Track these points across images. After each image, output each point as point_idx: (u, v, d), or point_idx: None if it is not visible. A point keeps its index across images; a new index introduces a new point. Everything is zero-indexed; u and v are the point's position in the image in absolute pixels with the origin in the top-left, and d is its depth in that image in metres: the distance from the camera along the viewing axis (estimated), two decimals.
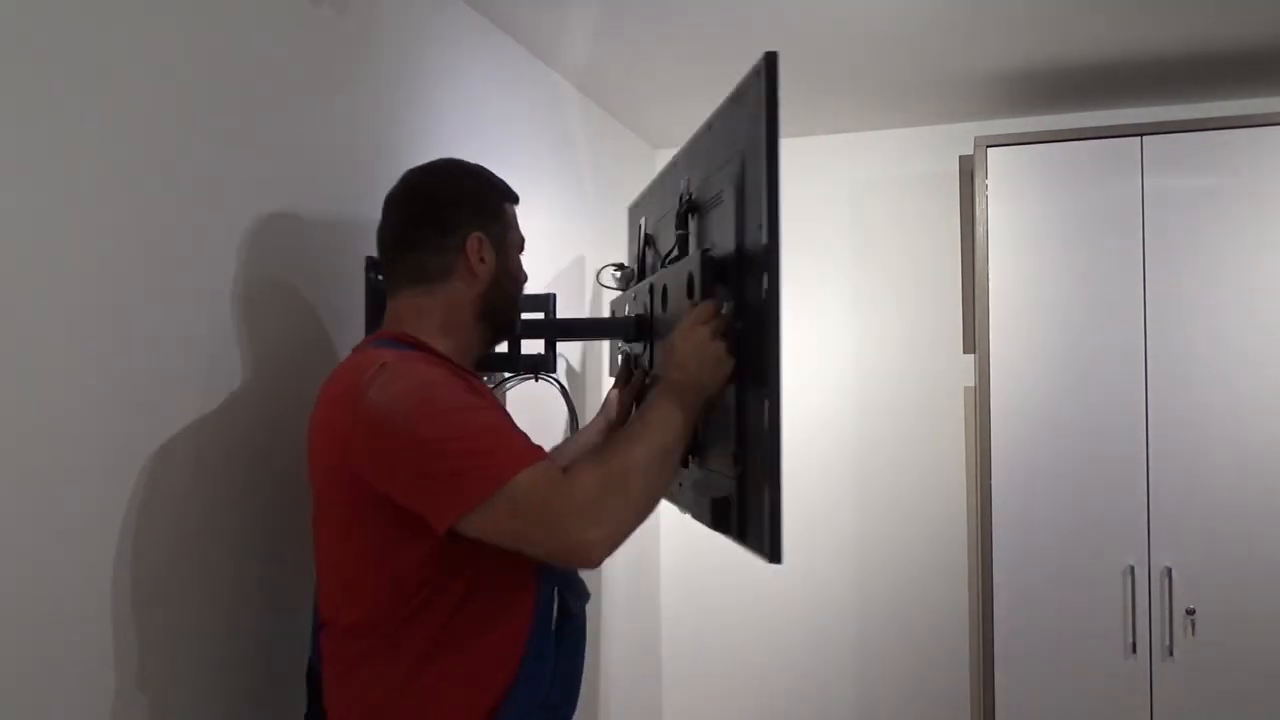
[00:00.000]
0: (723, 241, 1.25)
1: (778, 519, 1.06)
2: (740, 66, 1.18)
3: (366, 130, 1.61)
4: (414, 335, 1.19)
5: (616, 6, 1.96)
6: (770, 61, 1.08)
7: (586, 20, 2.04)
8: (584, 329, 1.73)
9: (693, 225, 1.42)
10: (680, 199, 1.44)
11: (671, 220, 1.50)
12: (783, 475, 1.06)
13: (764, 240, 1.07)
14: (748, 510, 1.17)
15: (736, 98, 1.23)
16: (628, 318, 1.60)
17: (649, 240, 1.71)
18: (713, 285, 1.21)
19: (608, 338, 1.64)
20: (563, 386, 1.85)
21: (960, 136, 2.73)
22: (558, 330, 1.82)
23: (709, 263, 1.22)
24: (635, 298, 1.64)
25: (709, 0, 1.93)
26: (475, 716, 1.08)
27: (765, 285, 1.07)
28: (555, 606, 1.17)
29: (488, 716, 1.08)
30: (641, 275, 1.74)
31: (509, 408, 2.10)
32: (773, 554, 1.07)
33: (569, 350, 2.34)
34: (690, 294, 1.27)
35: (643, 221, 1.77)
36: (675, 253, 1.44)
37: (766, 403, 1.07)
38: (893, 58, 2.23)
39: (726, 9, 1.97)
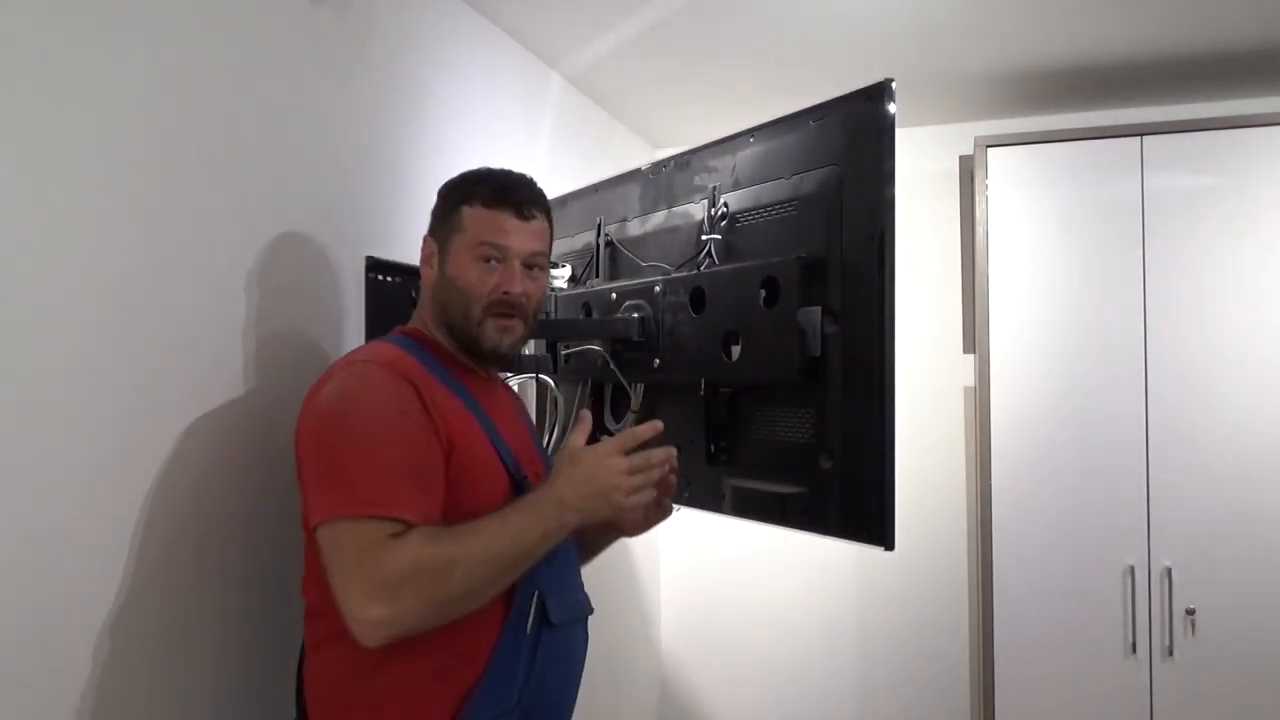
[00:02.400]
0: (778, 249, 1.34)
1: (891, 508, 1.16)
2: (740, 67, 1.19)
3: (366, 130, 1.61)
4: (420, 327, 1.26)
5: (616, 7, 1.96)
6: (888, 88, 1.19)
7: (587, 20, 2.03)
8: (585, 329, 1.72)
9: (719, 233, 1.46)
10: (710, 205, 1.46)
11: (646, 223, 1.56)
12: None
13: (879, 247, 1.18)
14: (843, 504, 1.24)
15: (814, 113, 1.31)
16: (629, 318, 1.60)
17: (610, 241, 1.75)
18: (807, 289, 1.28)
19: (609, 336, 1.64)
20: (554, 387, 1.84)
21: (960, 136, 2.73)
22: (558, 330, 1.82)
23: (805, 267, 1.27)
24: (616, 298, 1.65)
25: (709, 1, 1.93)
26: (438, 710, 1.07)
27: (876, 288, 1.19)
28: (533, 613, 1.13)
29: (451, 712, 1.07)
30: (596, 274, 1.76)
31: None
32: (886, 541, 1.16)
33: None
34: (771, 301, 1.32)
35: (599, 221, 1.77)
36: (709, 259, 1.46)
37: (879, 395, 1.17)
38: (893, 58, 2.23)
39: (727, 10, 1.96)
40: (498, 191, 1.22)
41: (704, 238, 1.48)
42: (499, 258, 1.21)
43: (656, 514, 1.30)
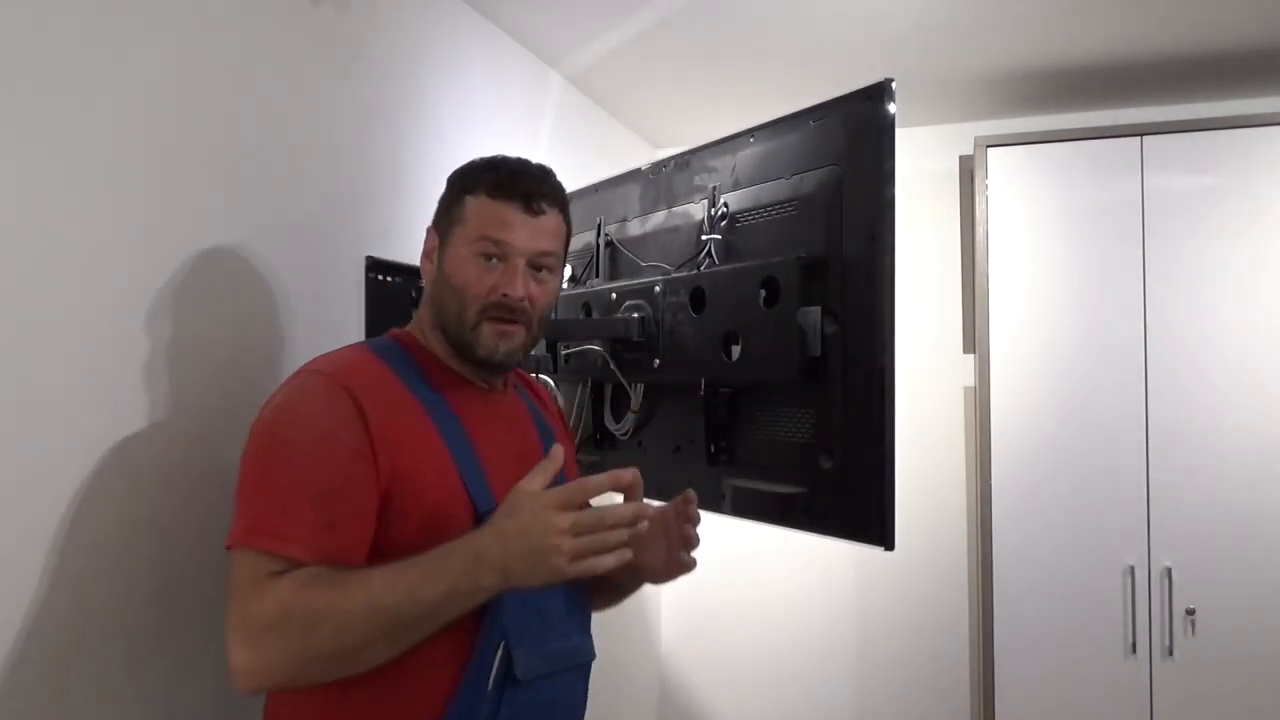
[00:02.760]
0: (778, 249, 1.33)
1: (891, 508, 1.16)
2: (740, 67, 1.19)
3: (366, 130, 1.61)
4: (414, 331, 1.14)
5: (616, 7, 1.96)
6: (888, 88, 1.19)
7: (587, 20, 2.03)
8: (585, 329, 1.72)
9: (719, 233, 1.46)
10: (710, 205, 1.46)
11: (646, 223, 1.55)
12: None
13: (879, 247, 1.18)
14: (843, 503, 1.24)
15: (814, 113, 1.30)
16: (629, 318, 1.60)
17: (610, 242, 1.75)
18: (807, 289, 1.27)
19: (609, 336, 1.64)
20: (554, 387, 1.84)
21: (960, 136, 2.73)
22: (558, 330, 1.82)
23: (805, 267, 1.27)
24: (616, 298, 1.65)
25: (709, 1, 1.93)
26: None
27: (876, 284, 1.19)
28: (496, 667, 0.98)
29: None
30: (596, 274, 1.76)
31: None
32: (886, 541, 1.15)
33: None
34: (771, 301, 1.31)
35: (599, 221, 1.78)
36: (709, 259, 1.46)
37: (879, 395, 1.17)
38: (893, 58, 2.23)
39: (727, 10, 1.96)
40: (505, 180, 1.10)
41: (704, 238, 1.48)
42: (500, 255, 1.08)
43: (675, 567, 1.22)
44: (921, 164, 2.79)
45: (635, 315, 1.59)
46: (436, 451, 1.03)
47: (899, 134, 1.19)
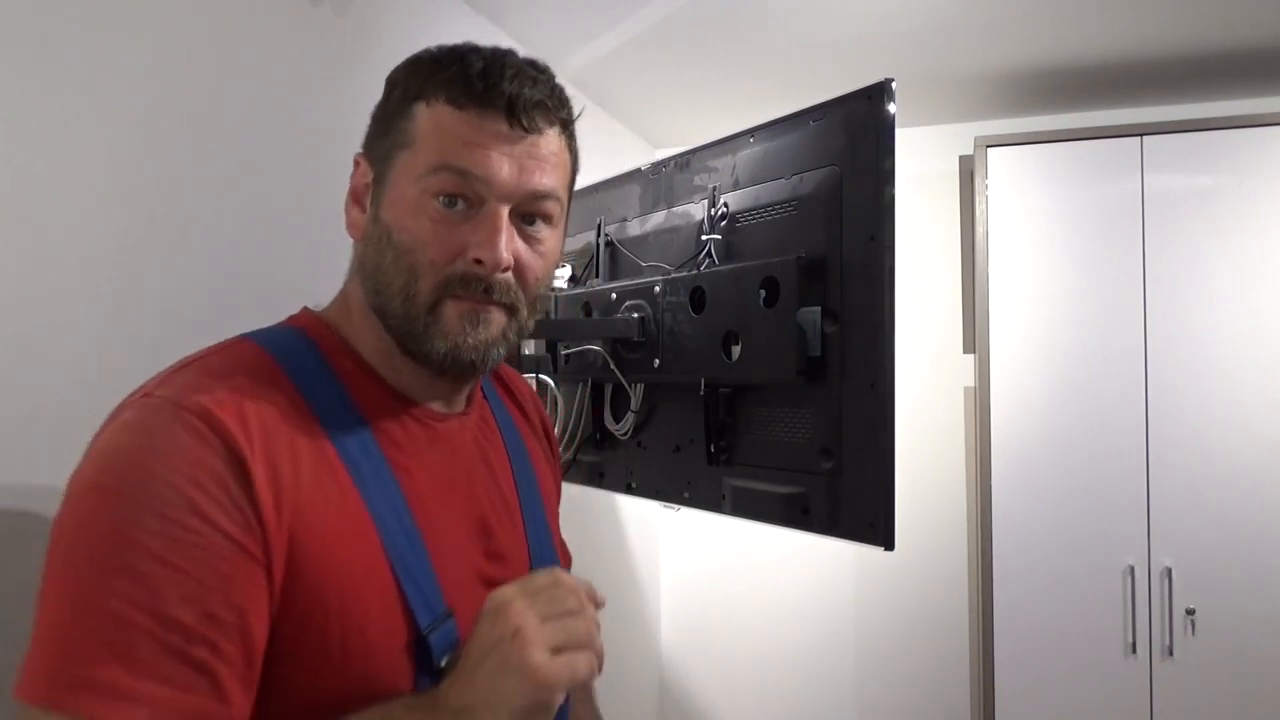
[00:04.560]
0: (778, 249, 1.33)
1: (891, 508, 1.15)
2: (740, 67, 1.19)
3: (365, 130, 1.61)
4: (336, 324, 0.79)
5: (616, 7, 1.96)
6: (888, 88, 1.18)
7: (587, 20, 2.03)
8: (585, 329, 1.72)
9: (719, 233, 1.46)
10: (710, 205, 1.46)
11: (646, 223, 1.55)
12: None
13: (878, 247, 1.18)
14: (843, 504, 1.24)
15: (814, 113, 1.30)
16: (629, 318, 1.60)
17: (610, 241, 1.76)
18: (807, 289, 1.27)
19: (609, 336, 1.64)
20: (554, 387, 1.84)
21: (960, 136, 2.73)
22: (558, 330, 1.82)
23: (805, 267, 1.27)
24: (616, 298, 1.65)
25: (709, 1, 1.93)
26: None
27: (876, 282, 1.19)
28: None
29: None
30: (596, 274, 1.76)
31: None
32: (886, 541, 1.15)
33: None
34: (770, 301, 1.31)
35: (599, 221, 1.78)
36: (709, 259, 1.46)
37: (879, 395, 1.17)
38: (893, 58, 2.23)
39: (727, 10, 1.96)
40: (478, 77, 0.71)
41: (704, 238, 1.48)
42: (470, 197, 0.72)
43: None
44: (921, 164, 2.79)
45: (635, 315, 1.59)
46: (360, 535, 0.68)
47: (899, 134, 1.19)
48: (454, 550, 0.74)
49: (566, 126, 0.81)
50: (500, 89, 0.71)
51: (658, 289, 1.55)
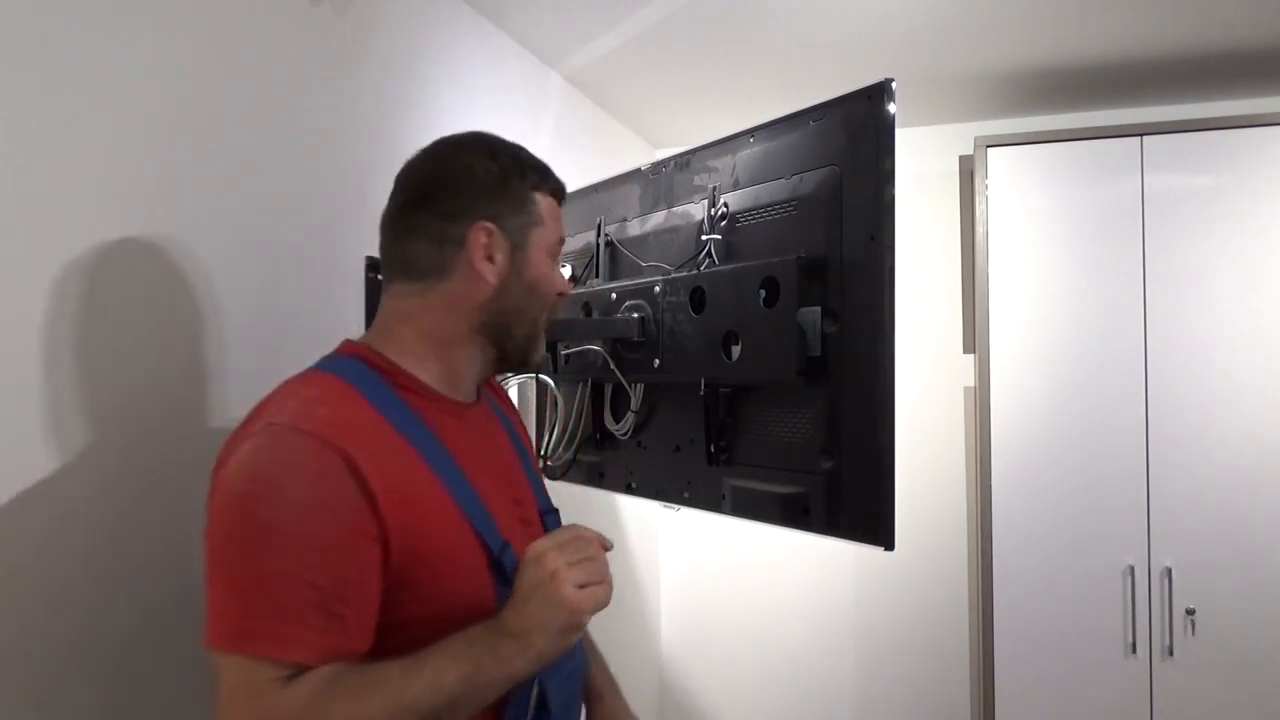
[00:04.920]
0: (778, 249, 1.34)
1: (891, 508, 1.16)
2: (740, 67, 1.19)
3: (366, 130, 1.61)
4: (382, 352, 0.99)
5: (616, 7, 1.96)
6: (888, 88, 1.19)
7: (587, 20, 2.03)
8: (585, 329, 1.72)
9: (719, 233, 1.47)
10: (710, 205, 1.46)
11: (646, 223, 1.55)
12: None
13: (878, 247, 1.18)
14: (843, 503, 1.24)
15: (814, 113, 1.30)
16: (629, 318, 1.60)
17: (610, 241, 1.76)
18: (807, 289, 1.27)
19: (609, 336, 1.64)
20: (554, 387, 1.84)
21: (960, 136, 2.73)
22: (558, 330, 1.82)
23: (805, 267, 1.27)
24: (616, 298, 1.65)
25: (709, 1, 1.93)
26: None
27: (877, 284, 1.19)
28: (533, 702, 0.95)
29: None
30: (596, 274, 1.76)
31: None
32: (886, 541, 1.16)
33: None
34: (770, 301, 1.31)
35: (599, 221, 1.78)
36: (709, 259, 1.46)
37: (879, 395, 1.17)
38: (893, 58, 2.23)
39: (727, 10, 1.96)
40: (556, 182, 1.08)
41: (704, 238, 1.48)
42: (556, 258, 1.09)
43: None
44: (921, 164, 2.80)
45: (635, 315, 1.59)
46: (439, 498, 0.92)
47: (899, 134, 1.19)
48: (495, 500, 0.99)
49: None
50: (560, 186, 1.09)
51: (658, 289, 1.55)
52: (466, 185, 1.00)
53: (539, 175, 1.06)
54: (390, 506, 0.86)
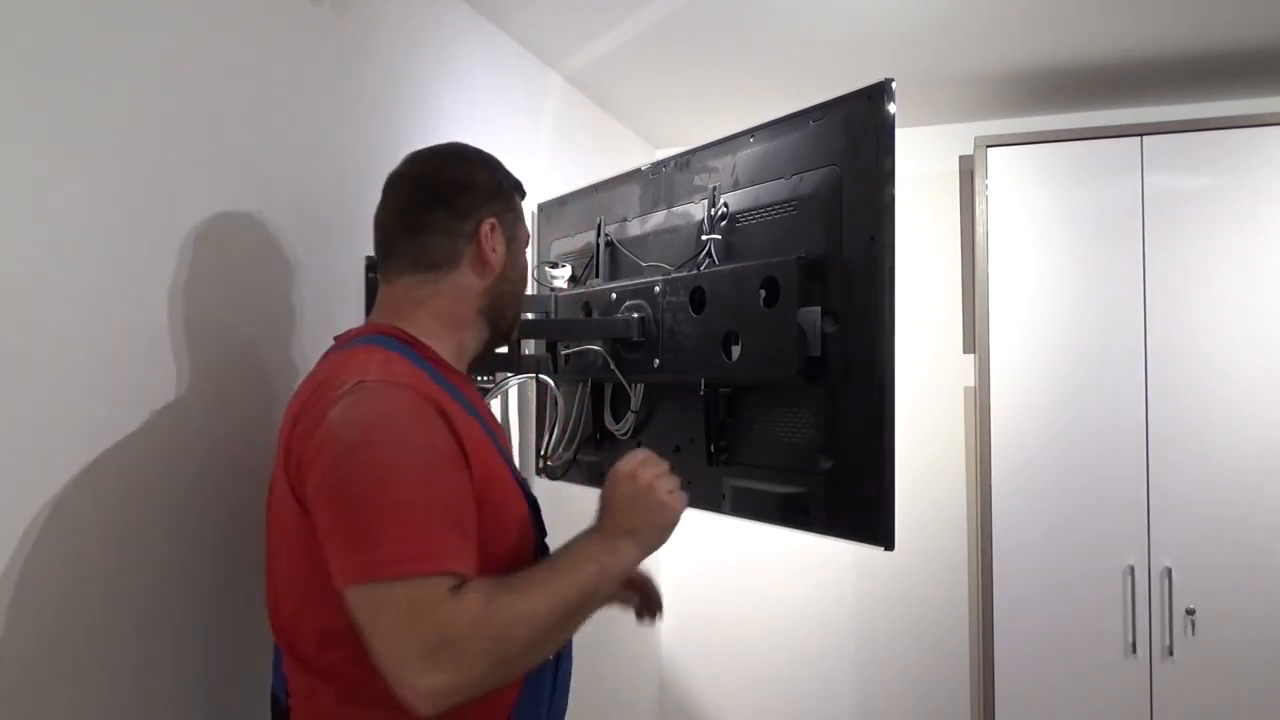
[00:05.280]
0: (778, 249, 1.34)
1: (891, 508, 1.16)
2: (740, 67, 1.19)
3: (366, 130, 1.61)
4: (406, 329, 1.09)
5: (616, 7, 1.96)
6: (888, 88, 1.20)
7: (587, 20, 2.03)
8: (585, 329, 1.72)
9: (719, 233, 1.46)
10: (710, 205, 1.46)
11: (646, 223, 1.56)
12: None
13: (878, 247, 1.19)
14: (843, 503, 1.24)
15: (814, 113, 1.31)
16: (629, 318, 1.60)
17: (610, 241, 1.76)
18: (807, 289, 1.28)
19: (609, 336, 1.64)
20: (554, 387, 1.84)
21: (960, 136, 2.73)
22: (559, 330, 1.82)
23: (805, 267, 1.27)
24: (616, 298, 1.65)
25: (708, 1, 1.93)
26: None
27: (876, 283, 1.19)
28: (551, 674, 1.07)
29: None
30: (596, 274, 1.76)
31: (508, 407, 2.11)
32: (886, 541, 1.16)
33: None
34: (770, 301, 1.31)
35: (599, 221, 1.78)
36: (709, 259, 1.46)
37: (879, 395, 1.17)
38: (893, 58, 2.23)
39: (727, 10, 1.96)
40: (522, 187, 1.23)
41: (704, 238, 1.48)
42: None
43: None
44: (921, 164, 2.80)
45: (635, 315, 1.59)
46: (488, 446, 1.06)
47: (899, 134, 1.19)
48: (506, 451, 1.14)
49: None
50: (524, 190, 1.22)
51: (658, 289, 1.55)
52: (474, 187, 1.14)
53: (515, 181, 1.21)
54: (470, 448, 0.99)
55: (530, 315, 1.86)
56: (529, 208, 1.67)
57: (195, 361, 1.23)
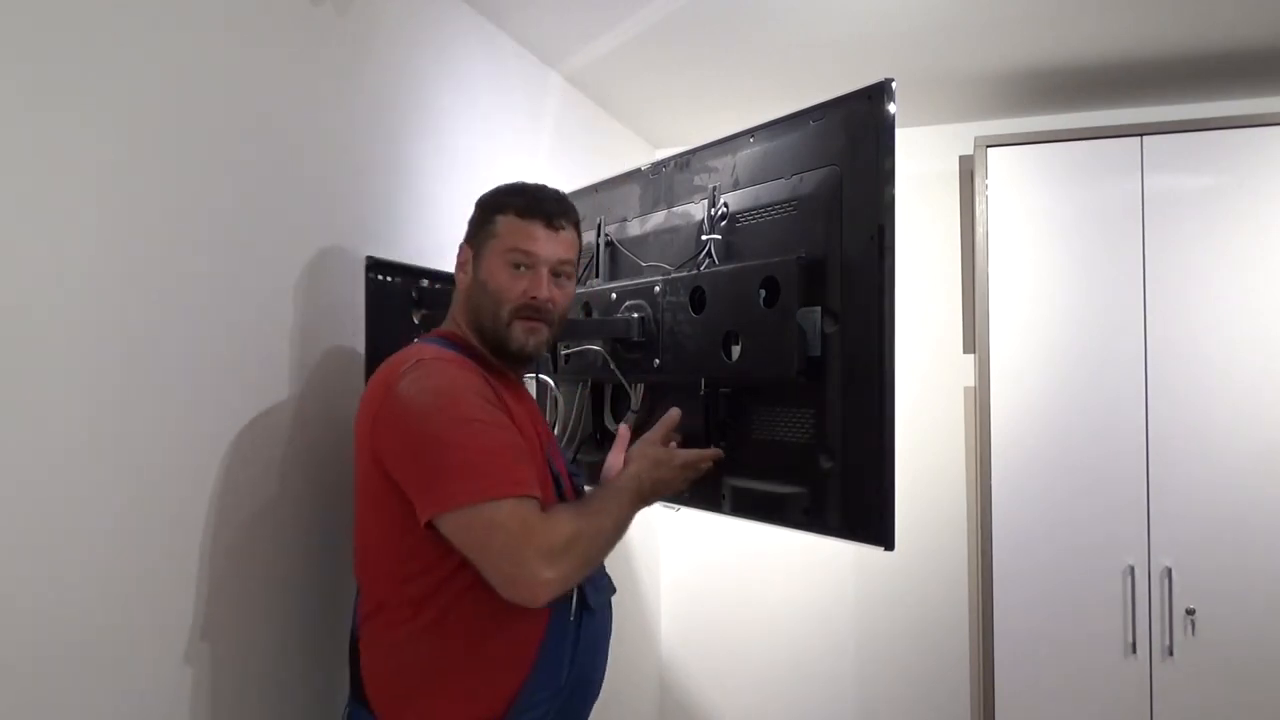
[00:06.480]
0: (778, 249, 1.34)
1: (891, 508, 1.17)
2: (740, 67, 1.19)
3: (365, 130, 1.61)
4: (454, 330, 1.33)
5: (616, 7, 1.96)
6: (888, 88, 1.20)
7: (587, 20, 2.03)
8: (585, 329, 1.72)
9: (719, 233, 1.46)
10: (710, 205, 1.46)
11: (646, 223, 1.56)
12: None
13: (878, 247, 1.18)
14: (843, 503, 1.24)
15: (814, 113, 1.31)
16: (629, 318, 1.60)
17: (610, 241, 1.76)
18: (807, 289, 1.28)
19: (609, 336, 1.64)
20: (554, 385, 1.84)
21: (960, 136, 2.73)
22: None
23: (805, 267, 1.28)
24: (616, 298, 1.65)
25: (709, 1, 1.93)
26: (494, 697, 1.17)
27: (877, 285, 1.19)
28: (575, 601, 1.23)
29: (506, 698, 1.17)
30: (596, 274, 1.76)
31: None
32: (886, 541, 1.16)
33: None
34: (770, 301, 1.31)
35: (599, 221, 1.78)
36: (709, 259, 1.46)
37: (879, 395, 1.17)
38: (893, 58, 2.23)
39: (727, 10, 1.97)
40: (530, 203, 1.30)
41: (704, 238, 1.48)
42: (528, 264, 1.28)
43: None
44: (921, 164, 2.80)
45: (635, 315, 1.59)
46: (523, 427, 1.23)
47: (899, 134, 1.19)
48: (532, 444, 1.26)
49: (577, 227, 1.36)
50: (544, 209, 1.30)
51: (658, 289, 1.55)
52: (471, 219, 1.35)
53: (503, 202, 1.32)
54: (511, 414, 1.20)
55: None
56: None
57: (193, 361, 1.23)
